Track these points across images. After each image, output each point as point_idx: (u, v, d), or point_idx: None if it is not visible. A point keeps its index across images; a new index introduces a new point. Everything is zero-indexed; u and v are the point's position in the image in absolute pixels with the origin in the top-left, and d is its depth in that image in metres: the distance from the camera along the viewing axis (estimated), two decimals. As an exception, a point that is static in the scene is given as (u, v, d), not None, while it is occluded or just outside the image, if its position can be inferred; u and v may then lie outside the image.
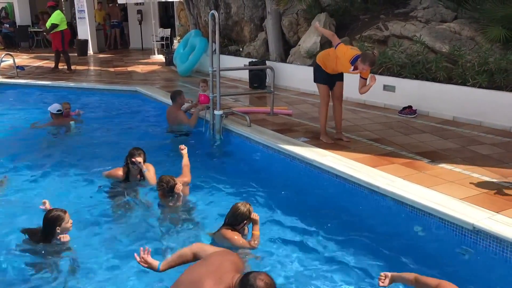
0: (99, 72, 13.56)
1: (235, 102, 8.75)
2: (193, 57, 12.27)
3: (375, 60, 5.71)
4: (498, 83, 6.94)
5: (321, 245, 4.23)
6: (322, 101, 6.17)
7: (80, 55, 17.21)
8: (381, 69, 8.23)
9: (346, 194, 4.92)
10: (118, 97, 10.32)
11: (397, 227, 4.33)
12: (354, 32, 9.56)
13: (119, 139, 7.37)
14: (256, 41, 11.70)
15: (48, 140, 7.47)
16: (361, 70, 5.66)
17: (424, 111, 7.60)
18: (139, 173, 5.31)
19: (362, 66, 5.59)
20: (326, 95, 6.13)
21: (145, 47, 19.30)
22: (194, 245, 3.33)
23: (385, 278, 3.17)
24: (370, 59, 5.58)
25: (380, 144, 6.00)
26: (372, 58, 5.61)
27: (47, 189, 5.44)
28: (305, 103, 8.70)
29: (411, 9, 9.20)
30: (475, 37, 7.82)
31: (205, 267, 2.93)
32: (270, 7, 10.52)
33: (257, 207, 5.02)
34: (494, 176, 4.82)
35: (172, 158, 6.35)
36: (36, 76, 12.57)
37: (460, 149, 5.81)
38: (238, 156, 6.57)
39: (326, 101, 6.14)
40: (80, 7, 17.89)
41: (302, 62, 9.97)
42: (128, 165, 5.28)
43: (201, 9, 13.23)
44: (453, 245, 3.88)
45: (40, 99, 10.28)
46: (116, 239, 4.32)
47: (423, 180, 4.68)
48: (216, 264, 2.93)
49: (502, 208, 4.02)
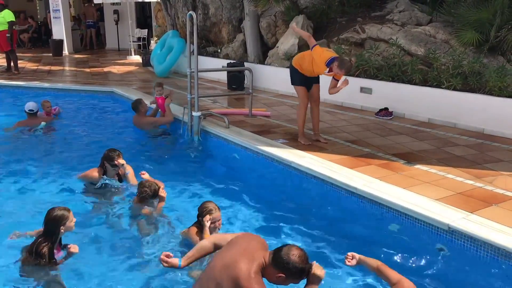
0: (75, 72, 13.35)
1: (213, 104, 8.72)
2: (170, 58, 12.18)
3: (351, 68, 5.78)
4: (471, 85, 7.08)
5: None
6: (301, 103, 6.19)
7: (55, 55, 16.95)
8: (358, 72, 8.31)
9: (324, 195, 4.95)
10: (94, 97, 10.19)
11: (374, 227, 4.37)
12: (332, 35, 9.64)
13: (95, 140, 7.29)
14: (234, 43, 11.69)
15: (19, 141, 7.29)
16: (335, 73, 5.72)
17: (400, 113, 7.71)
18: (117, 174, 5.24)
19: (338, 71, 5.65)
20: (305, 96, 6.15)
21: (121, 48, 19.08)
22: (212, 236, 3.43)
23: (352, 258, 3.23)
24: (347, 67, 5.64)
25: (357, 146, 6.05)
26: (349, 67, 5.69)
27: (18, 193, 5.32)
28: (283, 104, 8.73)
29: (387, 12, 9.32)
30: (449, 41, 7.97)
31: (234, 249, 2.95)
32: (248, 8, 10.52)
33: (234, 207, 5.03)
34: (468, 177, 4.91)
35: (149, 158, 6.30)
36: (9, 76, 12.29)
37: (435, 150, 5.91)
38: (216, 158, 6.55)
39: (305, 102, 6.16)
40: (55, 6, 17.59)
41: (280, 64, 10.00)
42: (104, 166, 5.19)
43: (178, 9, 13.15)
44: (429, 245, 3.94)
45: (13, 99, 10.07)
46: (95, 247, 4.24)
47: (399, 181, 4.74)
48: (244, 245, 2.96)
49: (476, 208, 4.10)
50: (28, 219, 4.59)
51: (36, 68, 14.09)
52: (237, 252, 2.90)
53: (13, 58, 12.79)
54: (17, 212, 4.80)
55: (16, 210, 4.85)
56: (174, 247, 4.13)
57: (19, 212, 4.80)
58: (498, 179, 4.87)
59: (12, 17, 12.58)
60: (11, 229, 4.19)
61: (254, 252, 2.88)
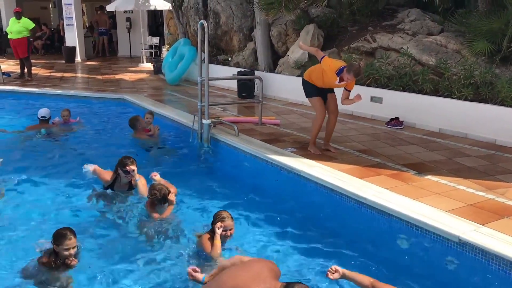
0: (87, 79, 13.48)
1: (223, 112, 8.75)
2: (181, 66, 12.26)
3: (360, 70, 5.75)
4: (483, 96, 7.03)
5: (306, 255, 4.25)
6: (317, 114, 6.11)
7: (68, 62, 17.13)
8: (369, 81, 8.30)
9: (333, 204, 4.92)
10: (105, 105, 10.26)
11: (384, 238, 4.34)
12: (342, 44, 9.64)
13: (106, 147, 7.33)
14: (245, 51, 11.74)
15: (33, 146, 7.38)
16: (346, 80, 5.68)
17: (411, 122, 7.67)
18: (128, 183, 5.27)
19: (347, 76, 5.62)
20: (321, 107, 6.10)
21: (133, 55, 19.25)
22: (234, 258, 3.49)
23: (335, 272, 3.21)
24: (355, 69, 5.62)
25: (367, 155, 6.03)
26: (357, 69, 5.65)
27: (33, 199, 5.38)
28: (293, 113, 8.73)
29: (398, 22, 9.31)
30: (461, 51, 7.93)
31: (246, 273, 3.00)
32: (259, 17, 10.56)
33: (242, 215, 5.03)
34: (479, 188, 4.86)
35: (159, 166, 6.33)
36: (23, 82, 12.46)
37: (446, 161, 5.86)
38: (226, 166, 6.56)
39: (323, 113, 6.09)
40: (68, 14, 17.80)
41: (291, 73, 10.02)
42: (117, 173, 5.23)
43: (190, 18, 13.25)
44: (439, 257, 3.90)
45: (27, 106, 10.19)
46: (105, 253, 4.27)
47: (409, 192, 4.70)
48: (257, 270, 3.00)
49: (487, 220, 4.06)
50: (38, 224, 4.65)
51: (48, 74, 14.26)
52: (249, 277, 2.94)
53: (28, 65, 12.98)
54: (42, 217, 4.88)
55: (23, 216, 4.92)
56: (181, 252, 4.16)
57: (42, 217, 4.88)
58: (510, 190, 4.81)
59: (32, 24, 12.87)
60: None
61: (265, 279, 2.89)
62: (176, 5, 13.88)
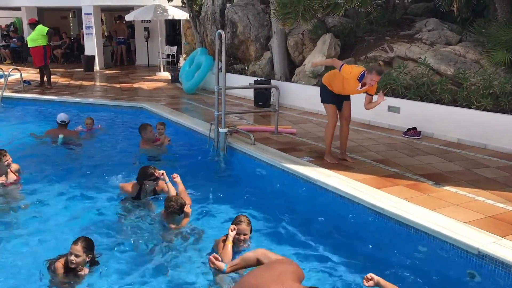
0: (105, 88, 13.66)
1: (239, 120, 8.78)
2: (198, 75, 12.35)
3: (382, 69, 5.73)
4: (502, 106, 6.95)
5: (322, 264, 4.22)
6: (329, 121, 6.14)
7: (87, 70, 17.39)
8: (386, 90, 8.26)
9: (350, 214, 4.89)
10: (123, 113, 10.37)
11: (402, 249, 4.30)
12: (359, 53, 9.63)
13: (124, 155, 7.40)
14: (261, 60, 11.79)
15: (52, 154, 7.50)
16: (369, 82, 5.63)
17: (429, 132, 7.60)
18: (153, 190, 5.37)
19: (370, 77, 5.58)
20: (334, 115, 6.12)
21: (151, 64, 19.46)
22: (258, 250, 3.48)
23: (371, 279, 3.18)
24: (376, 68, 5.62)
25: (384, 165, 5.99)
26: (378, 68, 5.64)
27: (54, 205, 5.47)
28: (309, 122, 8.72)
29: (416, 31, 9.28)
30: (479, 60, 7.86)
31: (268, 273, 2.99)
32: (276, 27, 10.61)
33: (257, 222, 5.02)
34: (498, 200, 4.79)
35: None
36: (42, 90, 12.68)
37: (465, 171, 5.79)
38: (242, 174, 6.57)
39: (334, 121, 6.12)
40: (88, 23, 18.11)
41: (307, 82, 10.03)
42: (141, 184, 5.28)
43: (207, 27, 13.37)
44: (458, 269, 3.84)
45: (45, 113, 10.36)
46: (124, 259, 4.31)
47: (427, 203, 4.65)
48: (280, 271, 2.99)
49: (507, 232, 3.99)
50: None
51: (68, 83, 14.49)
52: (271, 277, 2.93)
53: (47, 73, 13.20)
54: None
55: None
56: (200, 261, 4.16)
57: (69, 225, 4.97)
58: (530, 202, 4.74)
59: (45, 28, 13.12)
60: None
61: (285, 281, 2.89)
62: (193, 15, 14.03)
